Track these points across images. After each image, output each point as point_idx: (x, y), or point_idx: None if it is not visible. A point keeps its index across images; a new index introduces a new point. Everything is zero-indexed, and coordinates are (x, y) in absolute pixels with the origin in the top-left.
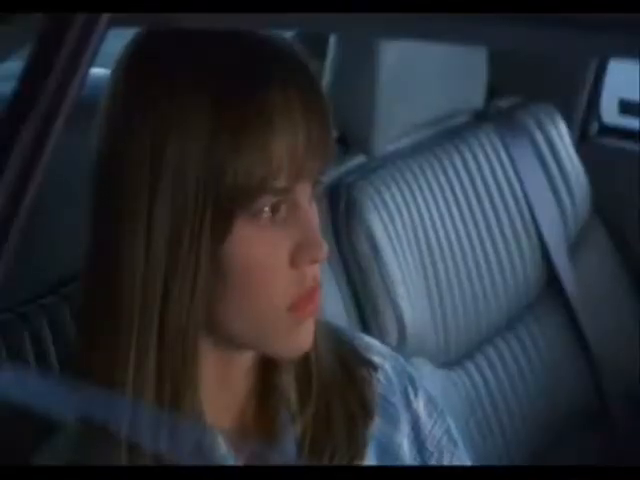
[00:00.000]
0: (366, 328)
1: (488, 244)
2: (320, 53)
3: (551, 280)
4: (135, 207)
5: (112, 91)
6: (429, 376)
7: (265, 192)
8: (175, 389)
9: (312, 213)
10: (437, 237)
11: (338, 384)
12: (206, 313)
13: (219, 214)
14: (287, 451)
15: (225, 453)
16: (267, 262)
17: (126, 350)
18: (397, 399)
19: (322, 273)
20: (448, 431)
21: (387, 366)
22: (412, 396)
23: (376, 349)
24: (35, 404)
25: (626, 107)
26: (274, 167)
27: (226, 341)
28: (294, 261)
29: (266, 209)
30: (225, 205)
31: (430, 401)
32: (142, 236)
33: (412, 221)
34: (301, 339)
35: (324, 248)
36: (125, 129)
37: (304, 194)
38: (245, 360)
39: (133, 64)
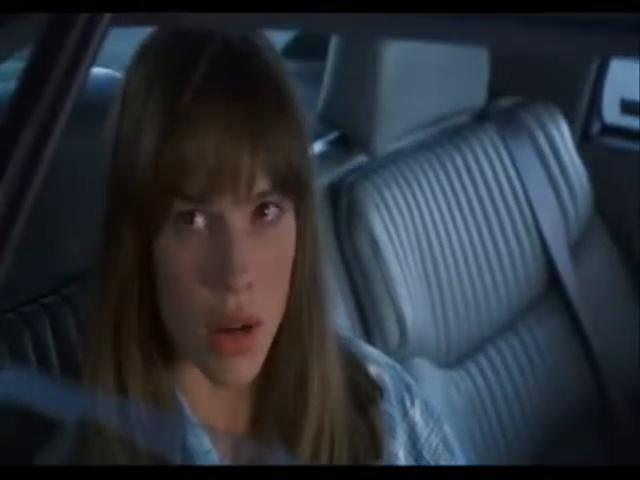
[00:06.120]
0: (367, 328)
1: (489, 244)
2: (321, 53)
3: (552, 280)
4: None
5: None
6: (430, 377)
7: (176, 195)
8: (122, 386)
9: (243, 237)
10: (438, 237)
11: (348, 417)
12: (151, 313)
13: (144, 216)
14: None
15: (208, 449)
16: (179, 272)
17: (96, 349)
18: (394, 409)
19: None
20: (444, 439)
21: (385, 376)
22: (409, 404)
23: (373, 358)
24: (36, 404)
25: (628, 107)
26: (183, 169)
27: None
28: (204, 280)
29: (184, 217)
30: (145, 207)
31: (427, 409)
32: (101, 235)
33: (413, 221)
34: (225, 374)
35: (238, 277)
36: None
37: (235, 213)
38: None
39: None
